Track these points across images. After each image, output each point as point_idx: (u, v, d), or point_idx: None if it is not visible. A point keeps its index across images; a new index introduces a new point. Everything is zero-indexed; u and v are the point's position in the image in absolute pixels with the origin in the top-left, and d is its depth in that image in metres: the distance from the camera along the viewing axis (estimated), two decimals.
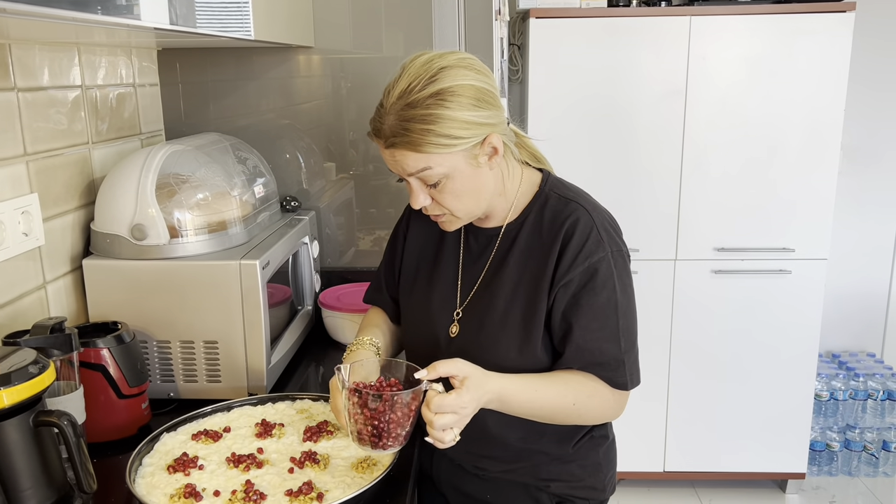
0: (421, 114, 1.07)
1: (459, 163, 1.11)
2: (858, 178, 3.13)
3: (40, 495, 1.00)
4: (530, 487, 1.27)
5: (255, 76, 1.88)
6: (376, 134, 1.12)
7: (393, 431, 1.07)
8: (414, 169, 1.10)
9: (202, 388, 1.42)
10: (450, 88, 1.08)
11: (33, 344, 1.12)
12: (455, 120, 1.07)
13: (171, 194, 1.41)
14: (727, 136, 2.61)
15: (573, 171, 1.30)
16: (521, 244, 1.21)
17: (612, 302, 1.16)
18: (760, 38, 2.53)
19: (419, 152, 1.08)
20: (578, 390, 1.16)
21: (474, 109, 1.09)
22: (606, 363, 1.16)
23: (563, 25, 2.55)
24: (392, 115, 1.08)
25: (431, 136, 1.07)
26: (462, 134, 1.08)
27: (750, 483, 3.00)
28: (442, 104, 1.07)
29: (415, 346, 1.32)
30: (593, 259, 1.15)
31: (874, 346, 3.29)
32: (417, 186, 1.14)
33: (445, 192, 1.13)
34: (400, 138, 1.08)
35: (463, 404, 1.03)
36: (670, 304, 2.74)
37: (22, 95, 1.32)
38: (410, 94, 1.08)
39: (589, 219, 1.18)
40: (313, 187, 1.93)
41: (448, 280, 1.28)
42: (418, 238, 1.34)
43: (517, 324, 1.18)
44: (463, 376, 1.06)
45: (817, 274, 2.69)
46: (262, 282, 1.38)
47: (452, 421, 1.03)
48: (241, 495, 1.06)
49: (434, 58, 1.11)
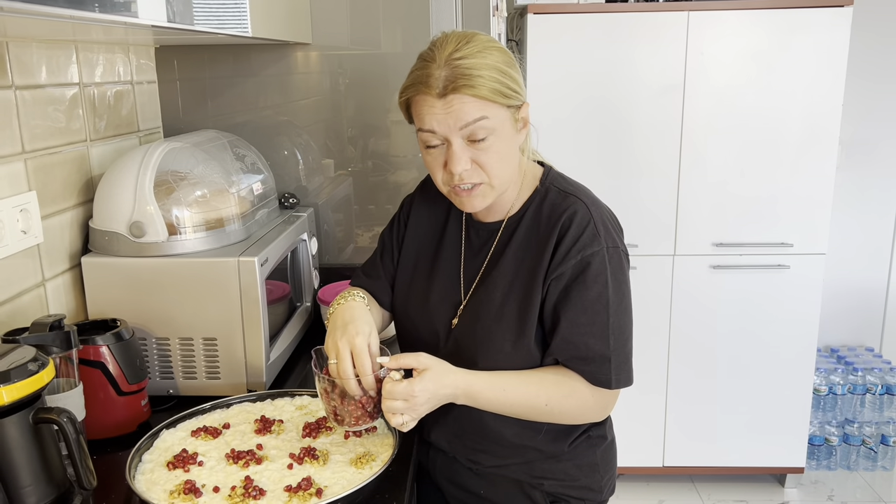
0: (480, 62, 1.09)
1: (507, 121, 1.13)
2: (856, 172, 3.13)
3: (40, 492, 1.00)
4: (524, 484, 1.27)
5: (253, 73, 1.88)
6: (424, 87, 1.10)
7: (354, 412, 1.14)
8: (471, 117, 1.09)
9: (201, 384, 1.42)
10: (493, 47, 1.12)
11: (33, 341, 1.12)
12: (506, 74, 1.11)
13: (170, 191, 1.41)
14: (725, 130, 2.61)
15: (571, 165, 1.30)
16: (520, 237, 1.21)
17: (604, 298, 1.15)
18: (758, 32, 2.53)
19: (479, 97, 1.08)
20: (552, 391, 1.16)
21: (515, 69, 1.14)
22: (590, 359, 1.15)
23: (561, 21, 2.55)
24: (448, 67, 1.08)
25: (492, 81, 1.09)
26: (514, 87, 1.12)
27: (749, 477, 3.01)
28: (492, 57, 1.10)
29: (415, 339, 1.31)
30: (587, 252, 1.15)
31: (873, 340, 3.30)
32: (461, 146, 1.12)
33: (490, 152, 1.12)
34: (462, 81, 1.07)
35: (413, 393, 1.06)
36: (669, 300, 2.74)
37: (20, 93, 1.32)
38: (462, 50, 1.09)
39: (587, 212, 1.17)
40: (311, 184, 1.93)
41: (450, 274, 1.27)
42: (418, 232, 1.33)
43: (512, 317, 1.18)
44: (422, 368, 1.09)
45: (816, 268, 2.70)
46: (261, 278, 1.38)
47: (401, 407, 1.07)
48: (241, 491, 1.06)
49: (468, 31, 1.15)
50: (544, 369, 1.18)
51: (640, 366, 1.23)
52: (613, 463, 1.35)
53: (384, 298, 1.36)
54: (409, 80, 1.14)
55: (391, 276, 1.35)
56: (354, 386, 1.12)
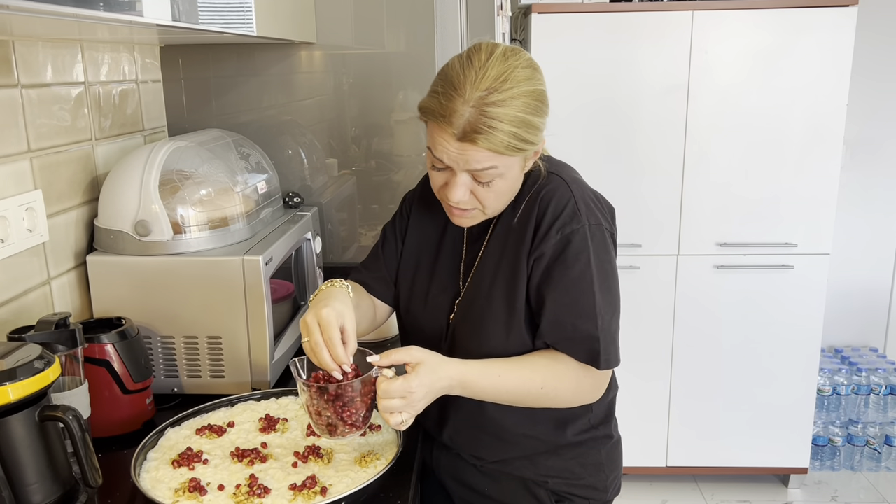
0: (506, 114, 1.04)
1: (516, 165, 1.11)
2: (861, 172, 3.13)
3: (46, 490, 1.00)
4: (528, 482, 1.27)
5: (258, 72, 1.88)
6: (446, 121, 1.05)
7: (348, 419, 1.09)
8: (480, 166, 1.07)
9: (206, 383, 1.43)
10: (528, 92, 1.07)
11: (38, 339, 1.12)
12: (531, 125, 1.07)
13: (175, 190, 1.41)
14: (729, 130, 2.60)
15: (575, 164, 1.29)
16: (505, 220, 1.21)
17: (588, 276, 1.13)
18: (763, 32, 2.53)
19: (495, 151, 1.06)
20: (546, 373, 1.14)
21: (542, 115, 1.10)
22: (580, 339, 1.14)
23: (565, 21, 2.55)
24: (474, 109, 1.04)
25: (514, 139, 1.05)
26: (533, 139, 1.09)
27: (752, 478, 3.01)
28: (522, 106, 1.06)
29: (418, 335, 1.31)
30: (566, 230, 1.13)
31: (877, 340, 3.29)
32: (465, 181, 1.10)
33: (492, 191, 1.12)
34: (483, 135, 1.04)
35: (410, 389, 1.04)
36: (672, 300, 2.74)
37: (25, 92, 1.32)
38: (496, 93, 1.04)
39: (567, 190, 1.16)
40: (315, 183, 1.94)
41: (451, 268, 1.28)
42: (421, 228, 1.33)
43: (501, 300, 1.18)
44: (416, 363, 1.06)
45: (820, 269, 2.69)
46: (266, 277, 1.39)
47: (399, 405, 1.04)
48: (245, 489, 1.06)
49: (509, 53, 1.09)
50: (535, 353, 1.17)
51: (643, 365, 1.23)
52: (619, 462, 1.34)
53: (383, 291, 1.34)
54: (433, 103, 1.08)
55: (393, 269, 1.34)
56: (326, 357, 1.07)
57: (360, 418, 1.11)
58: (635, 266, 2.66)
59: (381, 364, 1.07)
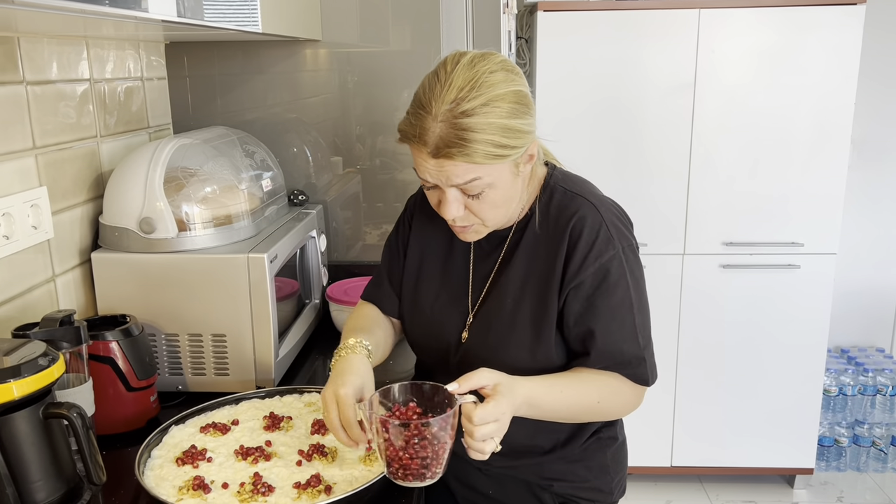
0: (475, 123, 1.02)
1: (504, 172, 1.08)
2: (868, 172, 3.11)
3: (50, 487, 1.00)
4: (533, 486, 1.26)
5: (263, 70, 1.88)
6: (420, 141, 1.04)
7: (441, 457, 1.01)
8: (462, 180, 1.05)
9: (210, 380, 1.42)
10: (500, 95, 1.04)
11: (43, 336, 1.12)
12: (507, 129, 1.04)
13: (179, 188, 1.41)
14: (736, 129, 2.59)
15: (581, 164, 1.29)
16: (528, 241, 1.19)
17: (627, 300, 1.14)
18: (770, 31, 2.52)
19: (473, 163, 1.03)
20: (603, 389, 1.15)
21: (522, 117, 1.06)
22: (629, 362, 1.15)
23: (571, 18, 2.54)
24: (443, 124, 1.02)
25: (488, 146, 1.02)
26: (514, 143, 1.05)
27: (757, 478, 2.99)
28: (495, 112, 1.03)
29: (425, 350, 1.30)
30: (603, 259, 1.13)
31: (883, 341, 3.27)
32: (455, 197, 1.09)
33: (485, 203, 1.10)
34: (456, 149, 1.02)
35: (503, 410, 0.99)
36: (678, 299, 2.73)
37: (31, 89, 1.32)
38: (462, 102, 1.02)
39: (597, 215, 1.15)
40: (320, 181, 1.93)
41: (459, 282, 1.26)
42: (423, 237, 1.31)
43: (526, 324, 1.16)
44: (493, 384, 1.02)
45: (826, 268, 2.68)
46: (270, 275, 1.38)
47: (494, 430, 0.99)
48: (250, 488, 1.06)
49: (476, 60, 1.06)
50: (584, 370, 1.16)
51: None
52: (624, 464, 1.33)
53: (391, 308, 1.34)
54: (405, 125, 1.08)
55: (398, 285, 1.33)
56: (342, 435, 1.06)
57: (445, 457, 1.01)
58: None
59: (460, 392, 1.01)
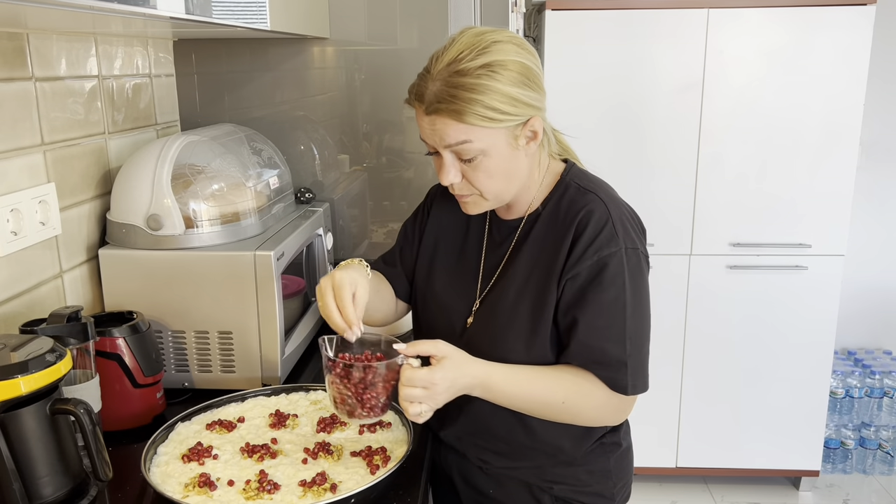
0: (470, 82, 1.04)
1: (499, 141, 1.09)
2: (876, 173, 3.10)
3: (56, 483, 1.00)
4: (533, 487, 1.25)
5: (270, 67, 1.88)
6: (418, 98, 1.09)
7: (367, 402, 1.09)
8: (453, 140, 1.07)
9: (216, 378, 1.42)
10: (500, 61, 1.06)
11: (50, 332, 1.12)
12: (503, 94, 1.05)
13: (187, 185, 1.41)
14: (744, 130, 2.58)
15: (589, 163, 1.28)
16: (537, 234, 1.19)
17: (621, 301, 1.12)
18: (779, 31, 2.51)
19: (462, 122, 1.05)
20: (570, 389, 1.13)
21: (522, 87, 1.07)
22: (607, 364, 1.12)
23: (579, 18, 2.53)
24: (438, 82, 1.06)
25: (478, 106, 1.04)
26: (508, 110, 1.06)
27: (763, 480, 2.99)
28: (492, 76, 1.04)
29: (431, 332, 1.30)
30: (603, 253, 1.12)
31: (890, 343, 3.25)
32: (450, 161, 1.11)
33: (479, 170, 1.10)
34: (445, 105, 1.05)
35: (434, 381, 1.03)
36: (685, 299, 2.72)
37: (39, 85, 1.32)
38: (460, 62, 1.05)
39: (605, 211, 1.14)
40: (327, 179, 1.93)
41: (470, 270, 1.26)
42: (441, 223, 1.32)
43: (525, 316, 1.16)
44: (441, 356, 1.05)
45: (834, 270, 2.67)
46: (277, 273, 1.38)
47: (420, 395, 1.03)
48: (255, 485, 1.06)
49: (486, 31, 1.09)
50: (563, 367, 1.15)
51: (654, 365, 1.21)
52: (628, 470, 1.31)
53: (399, 288, 1.35)
54: (410, 87, 1.12)
55: (409, 268, 1.34)
56: (337, 317, 1.10)
57: (380, 404, 1.10)
58: None
59: (407, 353, 1.06)
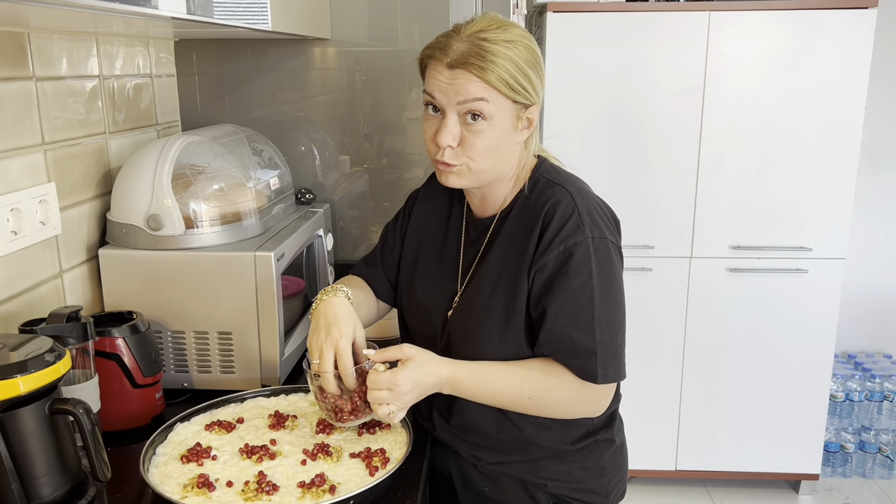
0: (497, 49, 1.09)
1: (506, 114, 1.13)
2: (877, 176, 3.10)
3: (55, 482, 1.00)
4: (528, 484, 1.25)
5: (271, 68, 1.88)
6: (441, 51, 1.11)
7: (344, 407, 1.17)
8: (471, 95, 1.10)
9: (216, 378, 1.42)
10: (520, 42, 1.12)
11: (49, 332, 1.12)
12: (521, 70, 1.11)
13: (187, 185, 1.41)
14: (745, 132, 2.58)
15: (589, 166, 1.29)
16: (508, 229, 1.21)
17: (588, 289, 1.12)
18: (780, 34, 2.51)
19: (486, 80, 1.09)
20: (536, 384, 1.15)
21: (536, 70, 1.14)
22: (576, 352, 1.13)
23: (581, 20, 2.53)
24: (467, 42, 1.10)
25: (502, 70, 1.09)
26: (524, 85, 1.12)
27: (763, 483, 2.98)
28: (514, 49, 1.11)
29: (415, 332, 1.33)
30: (569, 243, 1.13)
31: (891, 346, 3.25)
32: (453, 122, 1.13)
33: (478, 137, 1.12)
34: (475, 59, 1.08)
35: (396, 382, 1.09)
36: (685, 302, 2.72)
37: (40, 85, 1.32)
38: (487, 32, 1.10)
39: (570, 202, 1.15)
40: (328, 180, 1.93)
41: (449, 268, 1.28)
42: (422, 226, 1.35)
43: (499, 309, 1.18)
44: (406, 358, 1.11)
45: (834, 273, 2.67)
46: (277, 273, 1.38)
47: (386, 397, 1.09)
48: (254, 486, 1.06)
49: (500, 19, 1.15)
50: (532, 361, 1.17)
51: (654, 368, 1.22)
52: (622, 467, 1.32)
53: (380, 289, 1.38)
54: (431, 42, 1.16)
55: (392, 269, 1.37)
56: (332, 382, 1.16)
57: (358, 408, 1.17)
58: (647, 268, 2.64)
59: (375, 359, 1.13)
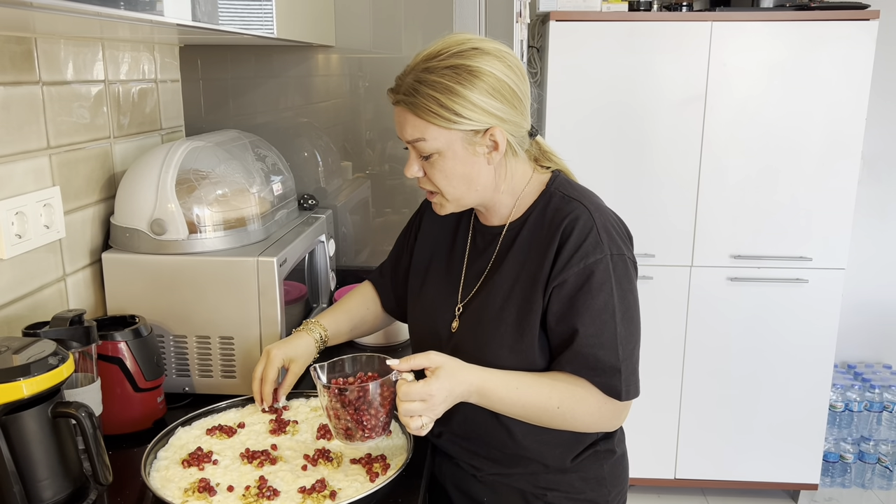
0: (433, 80, 1.08)
1: (456, 143, 1.12)
2: (878, 187, 3.10)
3: (57, 486, 1.00)
4: (527, 494, 1.25)
5: (275, 74, 1.89)
6: (394, 86, 1.14)
7: (367, 424, 1.10)
8: (410, 136, 1.13)
9: (217, 383, 1.43)
10: (471, 67, 1.09)
11: (53, 335, 1.13)
12: (463, 98, 1.08)
13: (191, 190, 1.41)
14: (746, 142, 2.59)
15: (591, 174, 1.29)
16: (522, 242, 1.20)
17: (610, 307, 1.12)
18: (782, 44, 2.52)
19: (418, 118, 1.10)
20: (565, 394, 1.13)
21: (487, 97, 1.09)
22: (601, 369, 1.13)
23: (583, 29, 2.54)
24: (411, 76, 1.11)
25: (433, 103, 1.08)
26: (465, 114, 1.09)
27: (761, 493, 2.98)
28: (456, 77, 1.08)
29: (419, 341, 1.32)
30: (589, 260, 1.12)
31: (890, 357, 3.25)
32: (414, 155, 1.16)
33: (436, 169, 1.14)
34: (408, 98, 1.10)
35: (431, 392, 1.04)
36: (685, 311, 2.72)
37: (46, 89, 1.33)
38: (432, 60, 1.10)
39: (589, 218, 1.15)
40: (330, 186, 1.94)
41: (454, 277, 1.28)
42: (430, 235, 1.34)
43: (511, 322, 1.17)
44: (435, 367, 1.07)
45: (834, 283, 2.67)
46: (279, 279, 1.39)
47: (420, 409, 1.04)
48: (255, 491, 1.06)
49: (473, 39, 1.13)
50: (556, 373, 1.16)
51: (654, 377, 1.22)
52: (623, 478, 1.31)
53: (385, 299, 1.44)
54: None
55: (400, 280, 1.39)
56: (256, 387, 1.25)
57: (380, 423, 1.11)
58: (648, 276, 2.65)
59: (400, 368, 1.08)
